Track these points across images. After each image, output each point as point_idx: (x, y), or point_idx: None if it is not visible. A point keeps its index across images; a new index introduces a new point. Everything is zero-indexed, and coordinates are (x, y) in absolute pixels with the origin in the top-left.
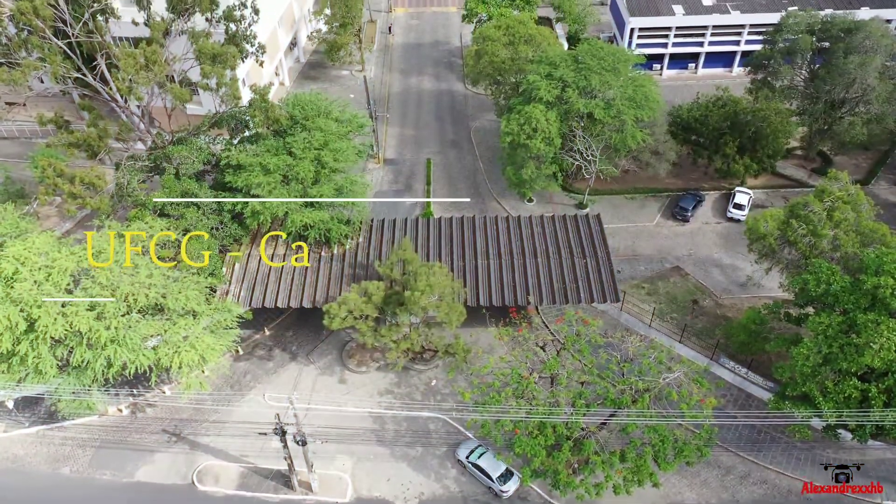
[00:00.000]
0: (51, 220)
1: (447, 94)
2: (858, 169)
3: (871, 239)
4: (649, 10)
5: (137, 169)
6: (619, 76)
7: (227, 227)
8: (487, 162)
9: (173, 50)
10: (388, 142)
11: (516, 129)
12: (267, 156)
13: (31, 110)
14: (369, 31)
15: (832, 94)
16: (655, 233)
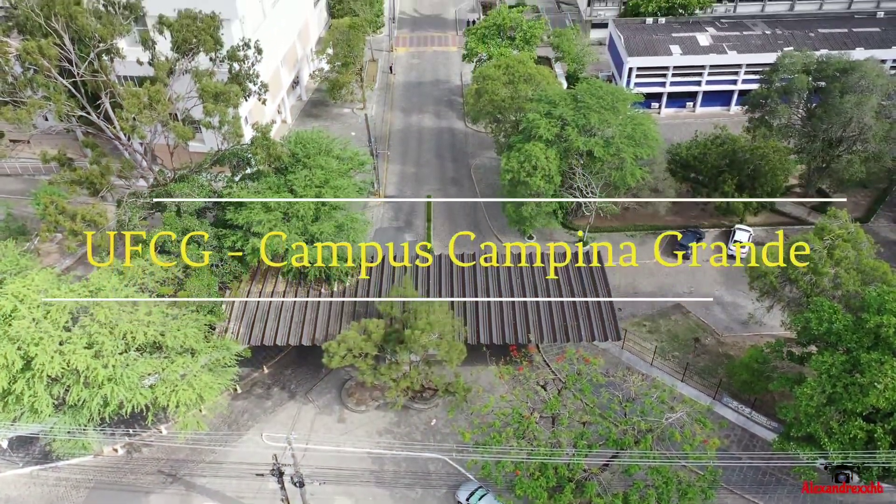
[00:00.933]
0: (51, 257)
1: (447, 131)
2: (857, 207)
3: (872, 277)
4: (647, 51)
5: (139, 206)
6: (617, 115)
7: (228, 264)
8: (488, 196)
9: (177, 88)
10: (388, 179)
11: (516, 166)
12: (268, 193)
13: (34, 147)
14: (371, 70)
15: (829, 132)
16: (656, 270)
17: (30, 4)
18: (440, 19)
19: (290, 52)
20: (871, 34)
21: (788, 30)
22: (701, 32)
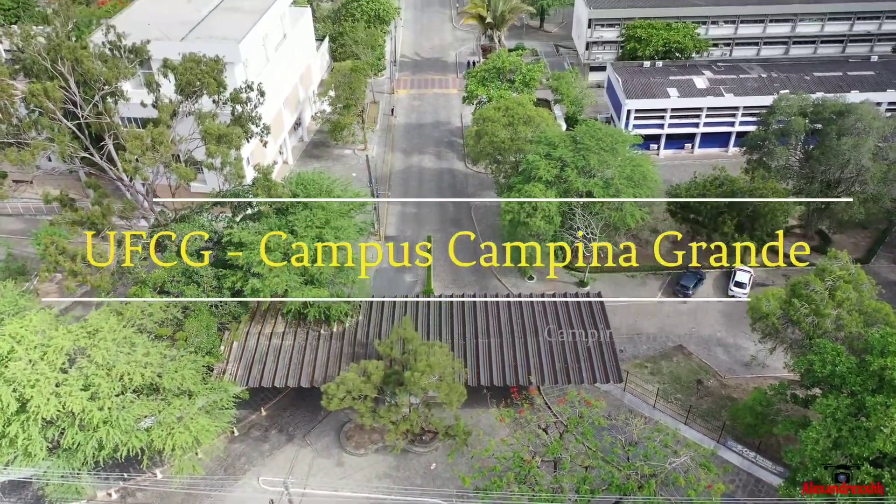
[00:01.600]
0: (50, 297)
1: (448, 172)
2: (857, 247)
3: (874, 319)
4: (645, 93)
5: (139, 246)
6: (617, 156)
7: (227, 305)
8: (488, 239)
9: (180, 130)
10: (389, 219)
11: (516, 206)
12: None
13: (37, 187)
14: (372, 112)
15: (827, 174)
16: (657, 310)
17: (37, 48)
18: (441, 62)
19: (292, 95)
20: (866, 77)
21: (784, 73)
22: (698, 75)
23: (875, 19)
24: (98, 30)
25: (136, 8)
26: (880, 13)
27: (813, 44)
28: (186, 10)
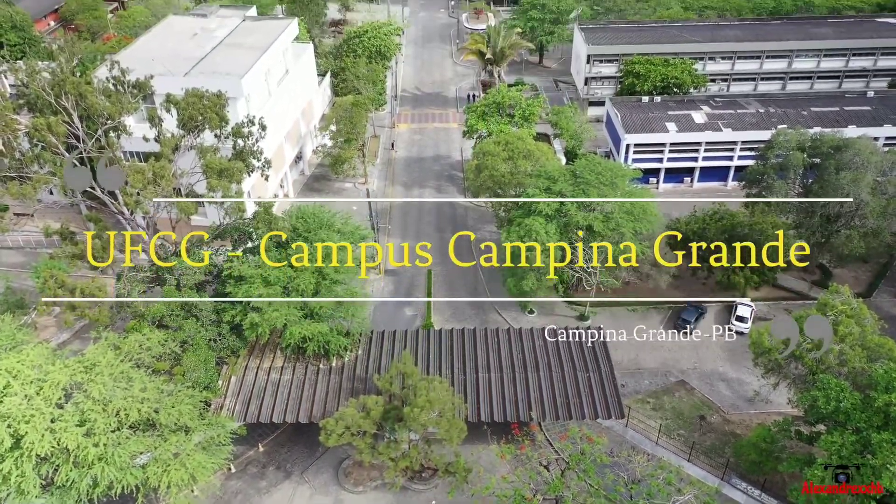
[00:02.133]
0: (48, 331)
1: (448, 206)
2: (859, 281)
3: (877, 354)
4: (644, 128)
5: (139, 280)
6: (616, 190)
7: (226, 339)
8: (488, 273)
9: (181, 164)
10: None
11: (517, 240)
12: (268, 267)
13: (38, 220)
14: (372, 146)
15: (827, 208)
16: (658, 345)
17: (41, 84)
18: (441, 97)
19: (293, 129)
20: (863, 112)
21: (781, 108)
22: (696, 110)
23: (870, 55)
24: (103, 65)
25: (141, 44)
26: (875, 50)
27: (809, 79)
28: (190, 46)
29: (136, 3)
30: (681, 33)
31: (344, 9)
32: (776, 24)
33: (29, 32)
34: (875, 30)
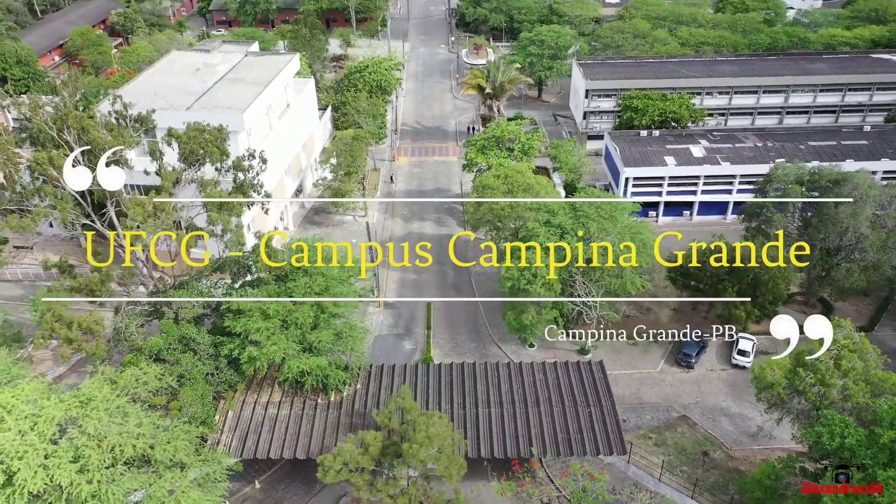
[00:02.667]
0: (45, 364)
1: (447, 238)
2: (860, 315)
3: (881, 389)
4: (643, 162)
5: (137, 313)
6: (616, 223)
7: (223, 373)
8: (488, 306)
9: (182, 197)
10: (388, 285)
11: (516, 274)
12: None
13: (37, 253)
14: (373, 179)
15: (826, 241)
16: (660, 380)
17: (44, 118)
18: (441, 131)
19: (294, 162)
20: (860, 146)
21: (779, 142)
22: (694, 144)
23: (866, 90)
24: (105, 99)
25: (144, 79)
26: (871, 85)
27: (806, 114)
28: (193, 81)
29: (141, 39)
30: (678, 69)
31: (345, 44)
32: (772, 60)
33: (33, 67)
34: (870, 65)
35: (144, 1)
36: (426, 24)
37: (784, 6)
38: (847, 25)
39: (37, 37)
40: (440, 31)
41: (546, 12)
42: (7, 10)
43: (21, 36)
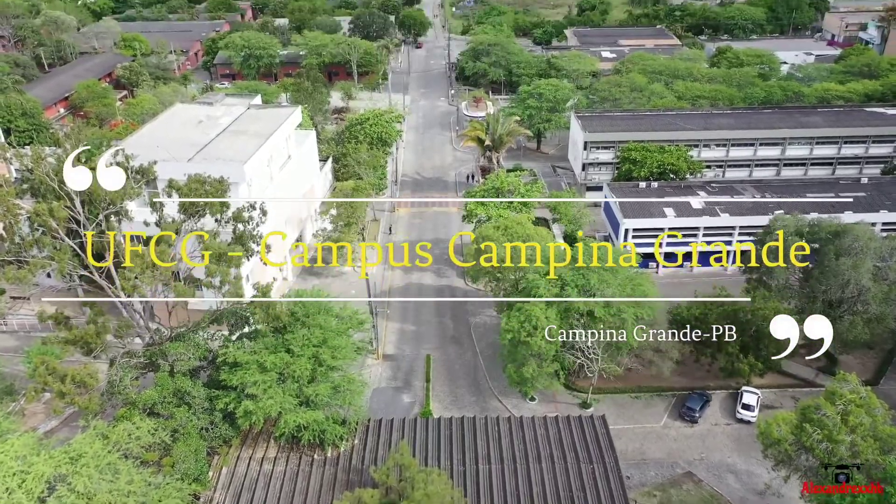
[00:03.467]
0: (37, 417)
1: (447, 289)
2: (865, 368)
3: (890, 445)
4: (642, 213)
5: (132, 366)
6: (617, 275)
7: (218, 428)
8: (488, 359)
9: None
10: (387, 337)
11: (517, 326)
12: (264, 353)
13: (34, 304)
14: (372, 230)
15: (828, 293)
16: (663, 434)
17: (46, 170)
18: (441, 181)
19: (294, 213)
20: (858, 198)
21: (777, 194)
22: (693, 196)
23: (862, 143)
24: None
25: (147, 131)
26: (866, 137)
27: (803, 166)
28: (195, 132)
29: (145, 92)
30: (675, 121)
31: (347, 97)
32: (768, 113)
33: (38, 119)
34: (864, 118)
35: (150, 55)
36: (426, 77)
37: (778, 61)
38: (840, 80)
39: (43, 89)
40: (440, 84)
41: (544, 66)
42: (15, 64)
43: (28, 88)
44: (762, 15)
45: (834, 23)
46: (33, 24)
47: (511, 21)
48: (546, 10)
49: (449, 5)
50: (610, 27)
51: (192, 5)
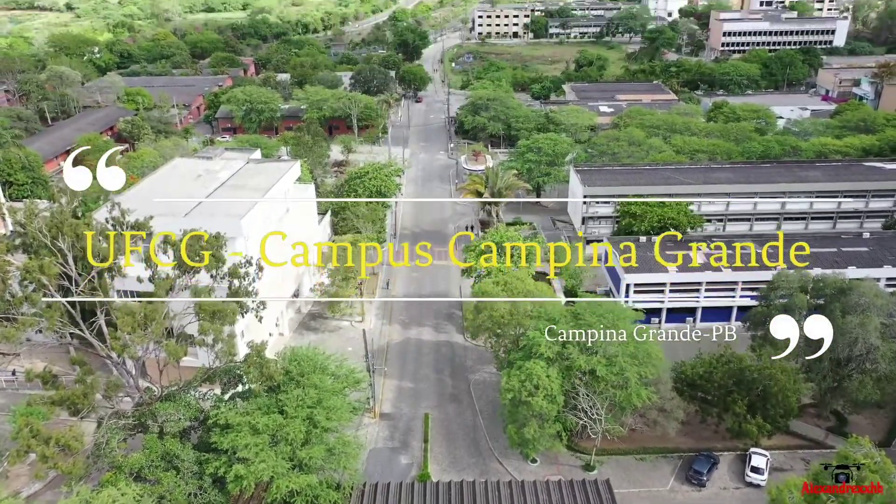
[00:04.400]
0: (20, 480)
1: (446, 345)
2: (876, 428)
3: None
4: (643, 268)
5: (120, 427)
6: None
7: (207, 493)
8: (488, 418)
9: (174, 305)
10: (385, 395)
11: (517, 385)
12: (257, 414)
13: (24, 360)
14: (370, 284)
15: (836, 352)
16: (670, 499)
17: (39, 225)
18: (440, 234)
19: (291, 266)
20: (861, 254)
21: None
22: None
23: (861, 197)
24: (104, 206)
25: (146, 185)
26: (866, 192)
27: (804, 220)
28: (194, 186)
29: (146, 146)
30: (674, 175)
31: (346, 150)
32: (767, 168)
33: (37, 172)
34: (863, 173)
35: (152, 109)
36: (426, 131)
37: (774, 116)
38: (837, 134)
39: (44, 143)
40: (440, 138)
41: (543, 121)
42: (17, 118)
43: (30, 142)
44: (756, 71)
45: (828, 79)
46: (38, 78)
47: (510, 76)
48: (544, 65)
49: (448, 60)
50: (607, 82)
51: (196, 61)
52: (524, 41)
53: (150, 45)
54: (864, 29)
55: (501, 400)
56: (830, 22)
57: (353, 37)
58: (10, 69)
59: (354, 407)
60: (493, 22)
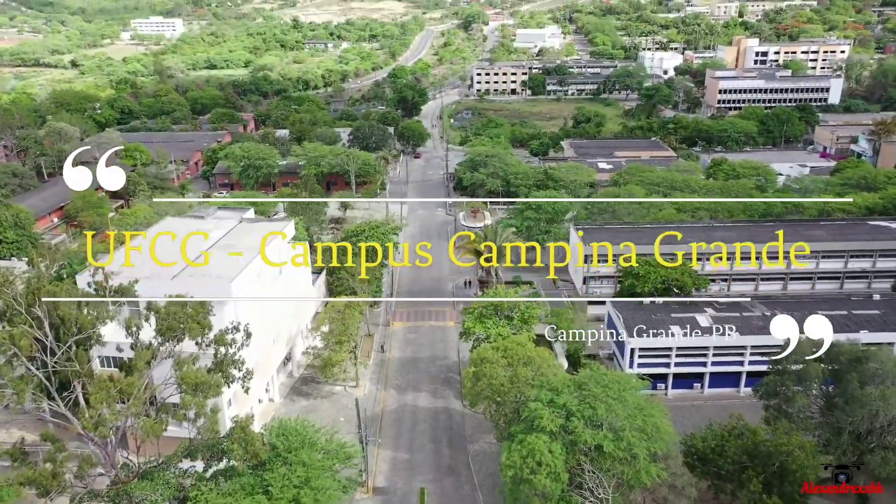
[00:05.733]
0: None
1: (444, 412)
2: None
3: None
4: (648, 331)
5: None
6: (625, 404)
7: None
8: (488, 493)
9: (155, 374)
10: (379, 466)
11: (518, 461)
12: (240, 494)
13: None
14: (366, 346)
15: (854, 425)
16: None
17: (14, 293)
18: (438, 294)
19: (283, 330)
20: (872, 317)
21: (787, 311)
22: (700, 313)
23: (868, 257)
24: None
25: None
26: (873, 252)
27: (810, 280)
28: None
29: (141, 202)
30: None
31: (343, 207)
32: (770, 226)
33: (28, 230)
34: (868, 232)
35: (150, 164)
36: (424, 186)
37: (774, 173)
38: (838, 192)
39: (38, 199)
40: (438, 193)
41: (542, 177)
42: (13, 174)
43: (24, 198)
44: (754, 128)
45: (825, 135)
46: (37, 134)
47: (508, 133)
48: (542, 122)
49: (447, 117)
50: (605, 139)
51: (196, 116)
52: (522, 98)
53: (152, 101)
54: (857, 87)
55: (502, 477)
56: (825, 80)
57: (352, 93)
58: (10, 125)
59: (345, 486)
60: (491, 79)
